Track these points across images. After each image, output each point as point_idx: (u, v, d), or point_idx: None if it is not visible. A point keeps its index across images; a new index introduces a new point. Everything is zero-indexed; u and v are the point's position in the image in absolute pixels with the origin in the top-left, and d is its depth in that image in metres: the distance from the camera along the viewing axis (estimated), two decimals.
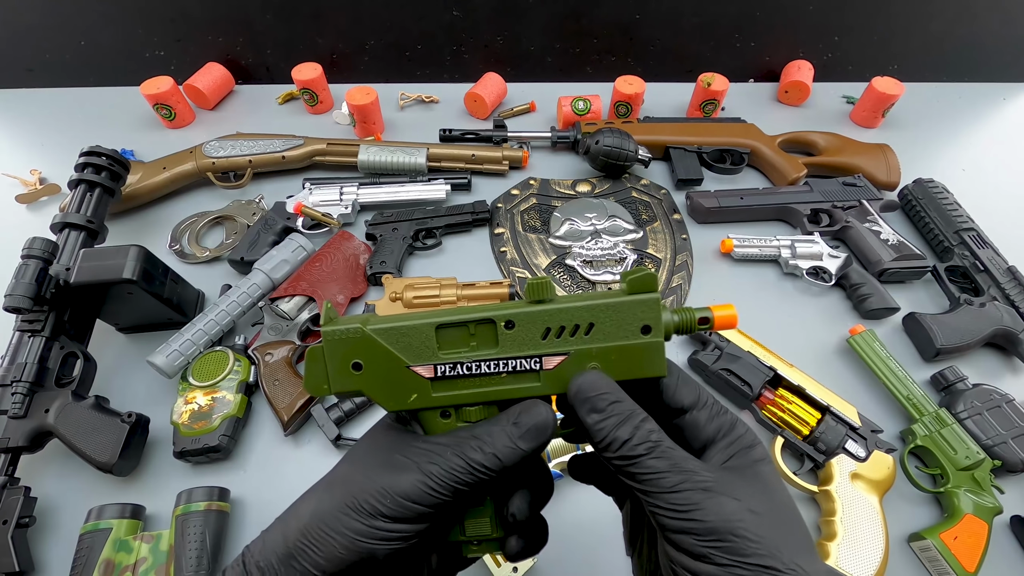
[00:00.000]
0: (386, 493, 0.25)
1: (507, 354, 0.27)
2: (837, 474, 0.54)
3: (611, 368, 0.27)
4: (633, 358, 0.27)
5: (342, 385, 0.28)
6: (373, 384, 0.28)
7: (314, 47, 0.98)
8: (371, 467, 0.27)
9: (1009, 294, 0.68)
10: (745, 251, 0.74)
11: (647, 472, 0.24)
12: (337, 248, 0.72)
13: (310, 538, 0.25)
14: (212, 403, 0.57)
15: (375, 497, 0.25)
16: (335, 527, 0.25)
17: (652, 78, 0.94)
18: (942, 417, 0.57)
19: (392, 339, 0.27)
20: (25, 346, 0.55)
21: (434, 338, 0.27)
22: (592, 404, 0.26)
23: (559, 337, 0.27)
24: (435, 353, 0.28)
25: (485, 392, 0.28)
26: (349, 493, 0.26)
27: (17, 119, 0.96)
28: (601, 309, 0.27)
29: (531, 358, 0.27)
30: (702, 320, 0.28)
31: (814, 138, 0.88)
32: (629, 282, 0.28)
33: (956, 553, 0.50)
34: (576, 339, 0.27)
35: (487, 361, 0.27)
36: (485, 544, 0.30)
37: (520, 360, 0.27)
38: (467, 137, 0.87)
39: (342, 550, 0.25)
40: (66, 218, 0.63)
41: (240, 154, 0.81)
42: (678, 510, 0.23)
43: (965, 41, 1.00)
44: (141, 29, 0.95)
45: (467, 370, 0.27)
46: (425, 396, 0.28)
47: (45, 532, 0.53)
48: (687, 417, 0.28)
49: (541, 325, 0.27)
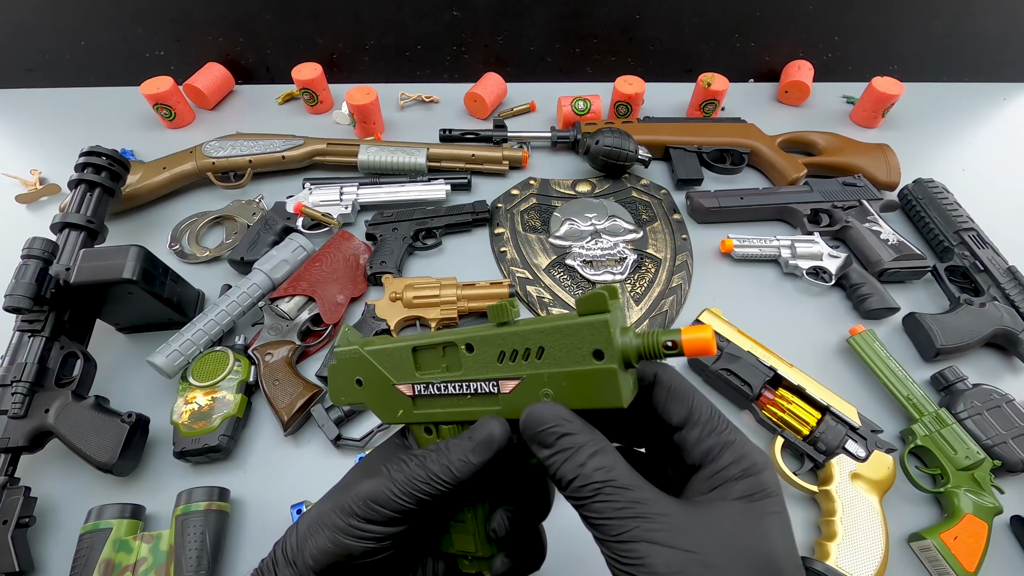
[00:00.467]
0: (358, 495, 0.27)
1: (468, 377, 0.28)
2: (837, 474, 0.54)
3: (563, 396, 0.25)
4: (585, 385, 0.24)
5: (351, 397, 0.33)
6: (371, 398, 0.32)
7: (314, 47, 0.98)
8: (360, 473, 0.31)
9: (1009, 294, 0.68)
10: (745, 251, 0.74)
11: (593, 516, 0.23)
12: (337, 248, 0.72)
13: (308, 533, 0.29)
14: (212, 403, 0.57)
15: (352, 499, 0.28)
16: (324, 523, 0.28)
17: (652, 78, 0.94)
18: (942, 417, 0.57)
19: (380, 359, 0.31)
20: (25, 346, 0.55)
21: (411, 360, 0.30)
22: (539, 439, 0.24)
23: (513, 361, 0.26)
24: (413, 373, 0.30)
25: (456, 412, 0.29)
26: (342, 495, 0.29)
27: (17, 119, 0.96)
28: (549, 332, 0.25)
29: (489, 381, 0.27)
30: (667, 345, 0.23)
31: (814, 138, 0.88)
32: (578, 302, 0.25)
33: (956, 553, 0.50)
34: (529, 363, 0.26)
35: (453, 383, 0.28)
36: (475, 561, 0.31)
37: (479, 383, 0.27)
38: (467, 137, 0.87)
39: (326, 544, 0.27)
40: (66, 218, 0.63)
41: (240, 154, 0.81)
42: (621, 560, 0.21)
43: (965, 41, 1.00)
44: (141, 29, 0.95)
45: (437, 391, 0.29)
46: (408, 412, 0.31)
47: (45, 532, 0.53)
48: (677, 436, 0.26)
49: (496, 348, 0.27)
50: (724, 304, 0.66)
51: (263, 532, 0.53)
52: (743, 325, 0.64)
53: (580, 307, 0.25)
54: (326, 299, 0.67)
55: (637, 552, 0.21)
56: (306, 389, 0.59)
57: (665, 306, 0.69)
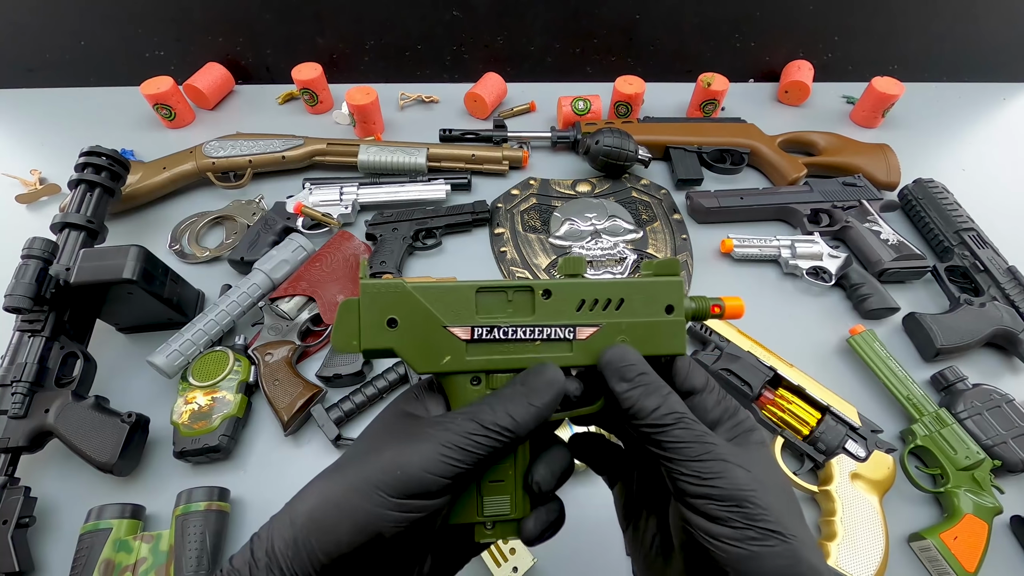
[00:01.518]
0: (397, 466, 0.24)
1: (543, 322, 0.28)
2: (837, 474, 0.54)
3: (638, 343, 0.29)
4: (657, 335, 0.29)
5: (374, 341, 0.27)
6: (407, 343, 0.27)
7: (314, 47, 0.98)
8: (382, 445, 0.26)
9: (1009, 294, 0.68)
10: (745, 251, 0.74)
11: (674, 441, 0.26)
12: (337, 248, 0.72)
13: (317, 521, 0.24)
14: (212, 403, 0.57)
15: (386, 473, 0.24)
16: (344, 508, 0.24)
17: (652, 78, 0.94)
18: (942, 417, 0.57)
19: (432, 297, 0.28)
20: (25, 346, 0.55)
21: (473, 301, 0.28)
22: (622, 374, 0.27)
23: (592, 310, 0.29)
24: (473, 315, 0.28)
25: (518, 359, 0.28)
26: (359, 472, 0.25)
27: (17, 119, 0.96)
28: (632, 286, 0.29)
29: (566, 327, 0.29)
30: (715, 308, 0.31)
31: (814, 138, 0.88)
32: (656, 265, 0.31)
33: (956, 553, 0.50)
34: (608, 313, 0.29)
35: (524, 327, 0.28)
36: (500, 527, 0.29)
37: (556, 328, 0.28)
38: (467, 137, 0.87)
39: (349, 532, 0.24)
40: (66, 218, 0.63)
41: (240, 154, 0.81)
42: (702, 477, 0.25)
43: (965, 41, 1.00)
44: (141, 29, 0.95)
45: (503, 334, 0.28)
46: (459, 359, 0.28)
47: (45, 532, 0.53)
48: (696, 399, 0.29)
49: (577, 297, 0.29)
50: None
51: None
52: (743, 325, 0.64)
53: (656, 269, 0.31)
54: (326, 299, 0.67)
55: (716, 468, 0.25)
56: (306, 389, 0.59)
57: None
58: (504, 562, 0.49)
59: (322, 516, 0.24)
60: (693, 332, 0.64)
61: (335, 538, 0.24)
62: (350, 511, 0.24)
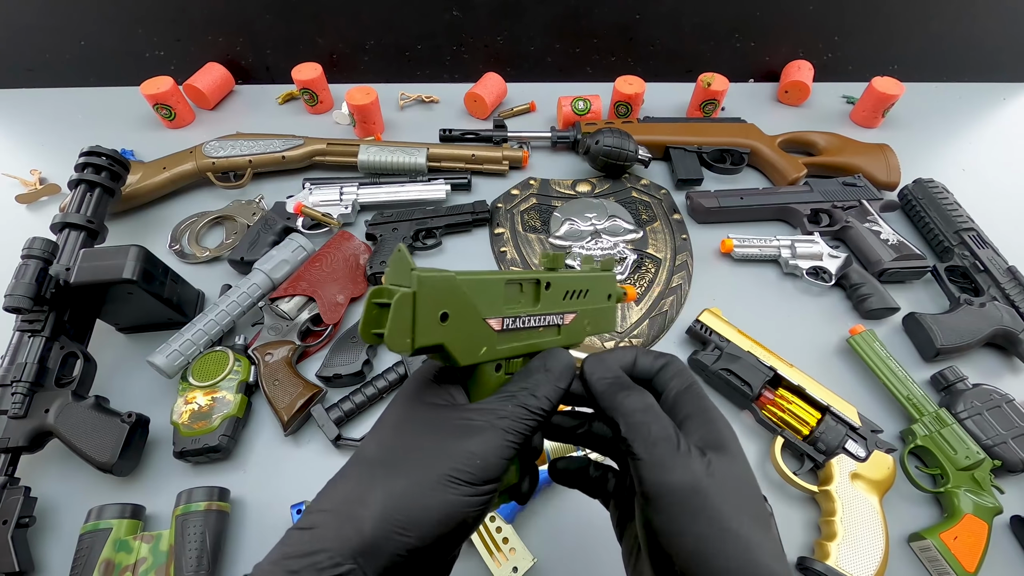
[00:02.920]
0: (472, 456, 0.26)
1: (547, 311, 0.32)
2: (837, 474, 0.54)
3: (594, 324, 0.36)
4: (603, 317, 0.37)
5: (427, 338, 0.25)
6: (455, 337, 0.26)
7: (314, 47, 0.98)
8: (439, 438, 0.27)
9: (1009, 294, 0.68)
10: (745, 251, 0.74)
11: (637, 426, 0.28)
12: (337, 248, 0.72)
13: (397, 521, 0.24)
14: (212, 403, 0.57)
15: (463, 462, 0.25)
16: (426, 504, 0.25)
17: (652, 78, 0.94)
18: (942, 417, 0.57)
19: (473, 289, 0.27)
20: (25, 346, 0.55)
21: (503, 293, 0.29)
22: (601, 375, 0.31)
23: (572, 299, 0.34)
24: (501, 307, 0.29)
25: (528, 344, 0.31)
26: (429, 469, 0.25)
27: (17, 119, 0.96)
28: (593, 279, 0.36)
29: (559, 314, 0.33)
30: (627, 295, 0.40)
31: (814, 138, 0.88)
32: (603, 263, 0.38)
33: (956, 553, 0.50)
34: (578, 301, 0.34)
35: (535, 316, 0.31)
36: (503, 495, 0.32)
37: (554, 316, 0.32)
38: (467, 137, 0.87)
39: (435, 524, 0.24)
40: (66, 218, 0.63)
41: (240, 154, 0.81)
42: (661, 466, 0.27)
43: (965, 41, 1.00)
44: (141, 29, 0.95)
45: (523, 324, 0.30)
46: (492, 348, 0.28)
47: (45, 532, 0.53)
48: (664, 394, 0.31)
49: (564, 288, 0.33)
50: (724, 304, 0.67)
51: (263, 532, 0.53)
52: (743, 325, 0.64)
53: (603, 266, 0.38)
54: (326, 299, 0.67)
55: (672, 462, 0.27)
56: (306, 389, 0.59)
57: (665, 306, 0.69)
58: (504, 562, 0.49)
59: (404, 516, 0.24)
60: (693, 332, 0.64)
61: (419, 533, 0.24)
62: (436, 505, 0.25)
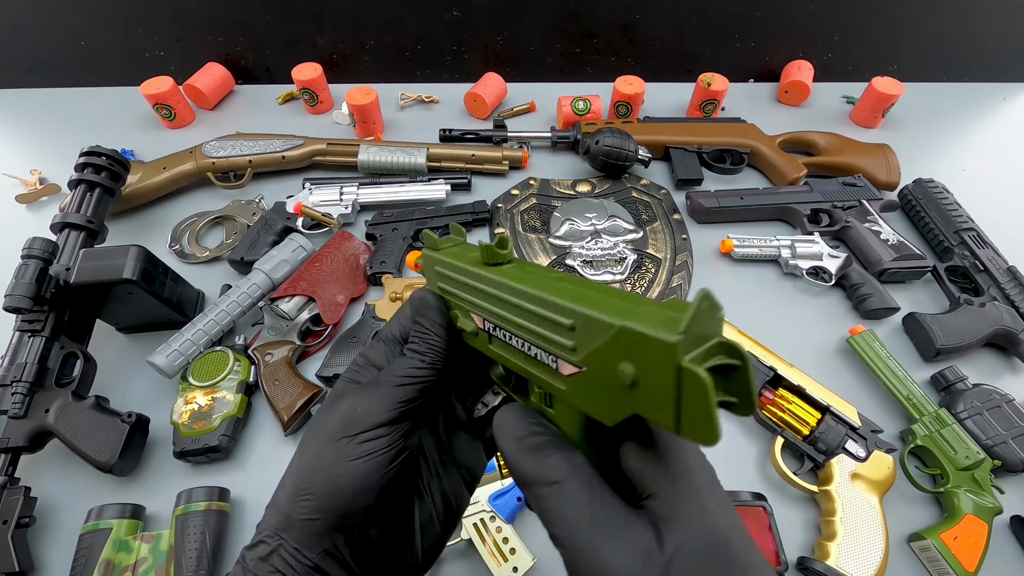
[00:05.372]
0: (353, 408, 0.26)
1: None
2: (837, 474, 0.54)
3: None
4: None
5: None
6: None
7: (314, 47, 0.98)
8: (334, 406, 0.28)
9: (1009, 294, 0.68)
10: (745, 251, 0.74)
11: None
12: (337, 248, 0.72)
13: (301, 490, 0.25)
14: (212, 403, 0.57)
15: (346, 417, 0.26)
16: (320, 463, 0.26)
17: (652, 78, 0.94)
18: (942, 417, 0.57)
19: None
20: (25, 346, 0.55)
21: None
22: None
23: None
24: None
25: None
26: (323, 432, 0.27)
27: (17, 119, 0.96)
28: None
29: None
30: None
31: (814, 138, 0.88)
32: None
33: (956, 553, 0.50)
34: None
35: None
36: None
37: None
38: (467, 137, 0.87)
39: (334, 481, 0.25)
40: (66, 218, 0.63)
41: (240, 154, 0.81)
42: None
43: (965, 41, 1.00)
44: (141, 29, 0.95)
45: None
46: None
47: (45, 532, 0.53)
48: None
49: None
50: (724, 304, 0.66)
51: None
52: (743, 325, 0.64)
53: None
54: (326, 299, 0.67)
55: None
56: (306, 389, 0.59)
57: None
58: (504, 562, 0.49)
59: (307, 482, 0.25)
60: None
61: (320, 492, 0.25)
62: (327, 463, 0.25)
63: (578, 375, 0.20)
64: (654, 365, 0.17)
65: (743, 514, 0.51)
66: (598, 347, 0.19)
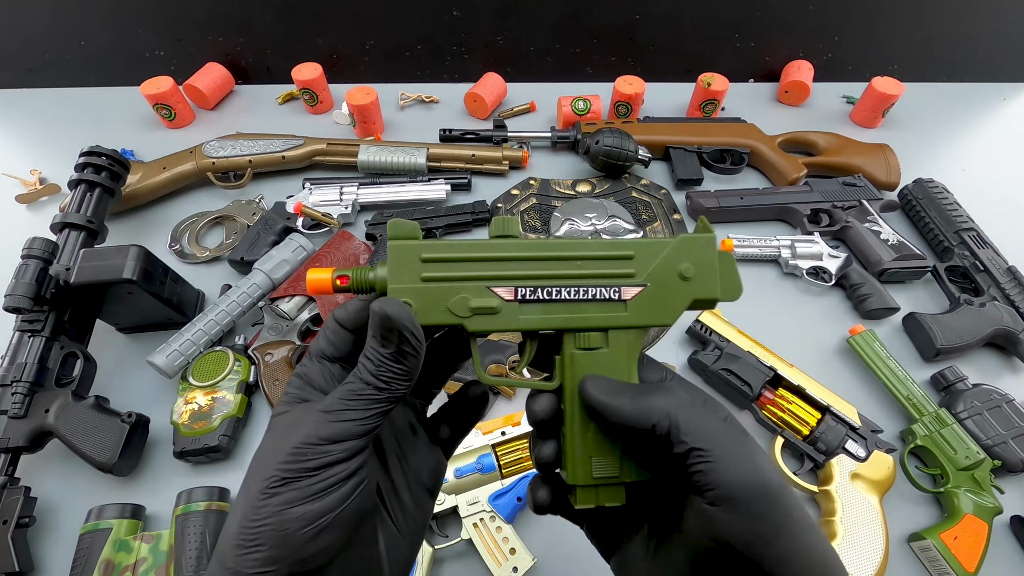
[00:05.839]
0: (300, 445, 0.23)
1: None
2: (837, 474, 0.54)
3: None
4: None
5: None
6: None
7: (314, 47, 0.98)
8: (274, 438, 0.24)
9: (1009, 294, 0.68)
10: (745, 251, 0.74)
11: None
12: (337, 248, 0.72)
13: (247, 541, 0.22)
14: (212, 403, 0.57)
15: (287, 456, 0.23)
16: (264, 513, 0.22)
17: (652, 78, 0.94)
18: (942, 417, 0.57)
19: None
20: (25, 346, 0.55)
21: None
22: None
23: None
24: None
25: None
26: (260, 473, 0.23)
27: (17, 119, 0.96)
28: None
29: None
30: None
31: (814, 138, 0.88)
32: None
33: (956, 553, 0.50)
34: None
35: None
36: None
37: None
38: (467, 137, 0.87)
39: (284, 531, 0.22)
40: (66, 218, 0.63)
41: (240, 154, 0.81)
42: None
43: (965, 41, 1.00)
44: (141, 29, 0.95)
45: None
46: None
47: (45, 532, 0.53)
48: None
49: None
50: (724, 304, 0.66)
51: None
52: (743, 325, 0.64)
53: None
54: (326, 299, 0.67)
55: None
56: None
57: None
58: (504, 562, 0.49)
59: (251, 533, 0.22)
60: (693, 332, 0.64)
61: (273, 542, 0.22)
62: (272, 512, 0.22)
63: (641, 293, 0.27)
64: (703, 256, 0.27)
65: None
66: (659, 263, 0.27)
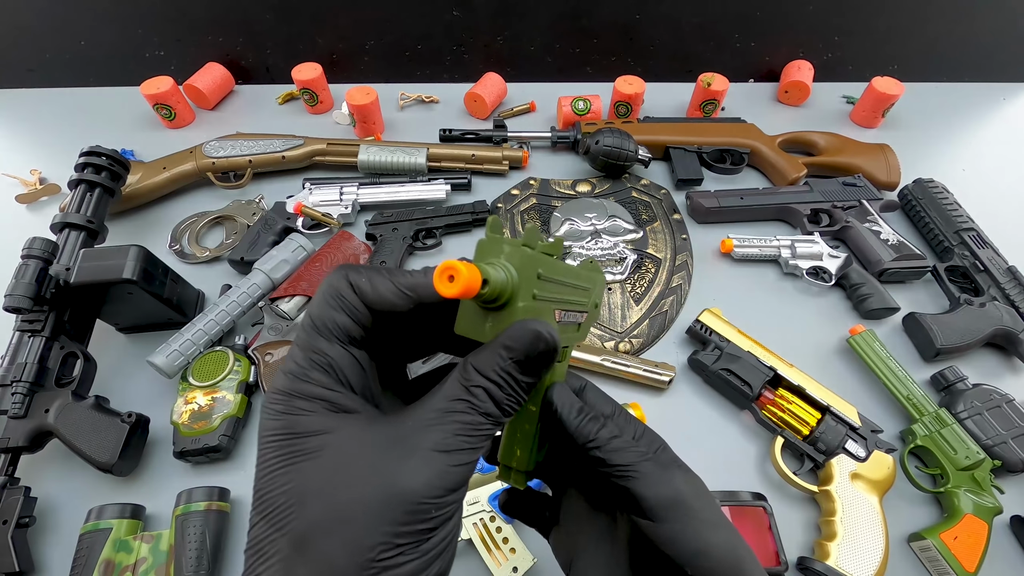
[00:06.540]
0: (415, 500, 0.19)
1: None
2: (837, 474, 0.54)
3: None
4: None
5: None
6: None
7: (314, 47, 0.98)
8: (351, 477, 0.20)
9: (1009, 294, 0.68)
10: (745, 251, 0.74)
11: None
12: (337, 248, 0.72)
13: None
14: (212, 403, 0.57)
15: (401, 516, 0.19)
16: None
17: (652, 78, 0.94)
18: (942, 417, 0.57)
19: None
20: (25, 346, 0.55)
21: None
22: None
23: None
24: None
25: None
26: (362, 538, 0.18)
27: (17, 119, 0.96)
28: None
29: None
30: None
31: (814, 138, 0.88)
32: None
33: (956, 553, 0.50)
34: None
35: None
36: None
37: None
38: (467, 137, 0.87)
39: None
40: (66, 218, 0.63)
41: (240, 154, 0.81)
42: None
43: (965, 41, 1.00)
44: (141, 29, 0.95)
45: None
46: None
47: (45, 532, 0.53)
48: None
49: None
50: (724, 304, 0.67)
51: None
52: (743, 325, 0.64)
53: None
54: None
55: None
56: None
57: (665, 306, 0.69)
58: (504, 562, 0.49)
59: None
60: (693, 332, 0.64)
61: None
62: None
63: (587, 318, 0.31)
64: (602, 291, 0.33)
65: (743, 514, 0.51)
66: (596, 292, 0.31)
